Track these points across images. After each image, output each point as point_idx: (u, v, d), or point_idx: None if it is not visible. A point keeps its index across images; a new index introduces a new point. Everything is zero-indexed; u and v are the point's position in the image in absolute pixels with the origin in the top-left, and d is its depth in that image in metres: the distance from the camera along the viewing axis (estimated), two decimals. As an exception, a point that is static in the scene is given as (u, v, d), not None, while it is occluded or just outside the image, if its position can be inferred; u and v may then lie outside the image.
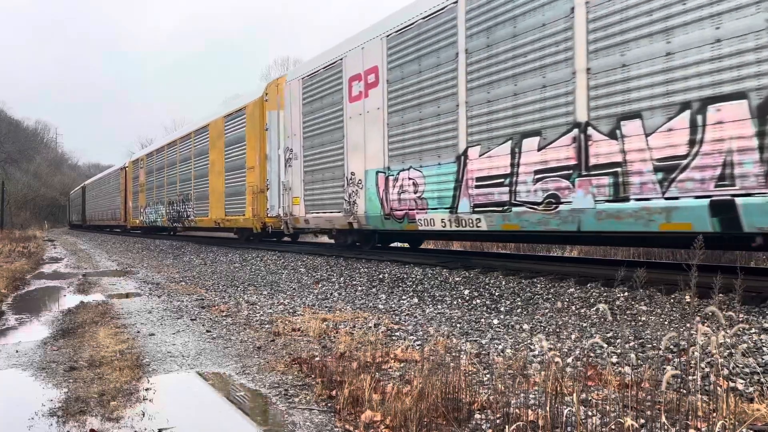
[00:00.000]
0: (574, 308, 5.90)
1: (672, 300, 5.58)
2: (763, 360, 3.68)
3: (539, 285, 6.93)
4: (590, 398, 3.13)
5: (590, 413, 2.86)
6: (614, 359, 3.93)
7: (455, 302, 6.80)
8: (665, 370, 2.58)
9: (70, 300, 7.86)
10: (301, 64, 12.45)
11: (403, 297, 7.30)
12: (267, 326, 5.60)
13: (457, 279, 7.92)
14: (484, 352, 4.30)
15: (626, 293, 5.94)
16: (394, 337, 4.94)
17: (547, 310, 5.94)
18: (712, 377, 3.32)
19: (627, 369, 3.61)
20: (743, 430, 2.55)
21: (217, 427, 3.14)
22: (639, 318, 5.25)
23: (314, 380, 3.73)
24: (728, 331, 4.11)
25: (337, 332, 5.17)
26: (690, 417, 2.68)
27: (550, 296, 6.46)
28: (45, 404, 3.45)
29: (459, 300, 6.88)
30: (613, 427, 2.55)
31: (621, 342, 4.33)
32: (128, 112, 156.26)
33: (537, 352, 4.17)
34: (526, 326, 5.19)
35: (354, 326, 5.40)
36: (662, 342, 2.89)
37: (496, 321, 5.52)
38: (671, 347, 4.04)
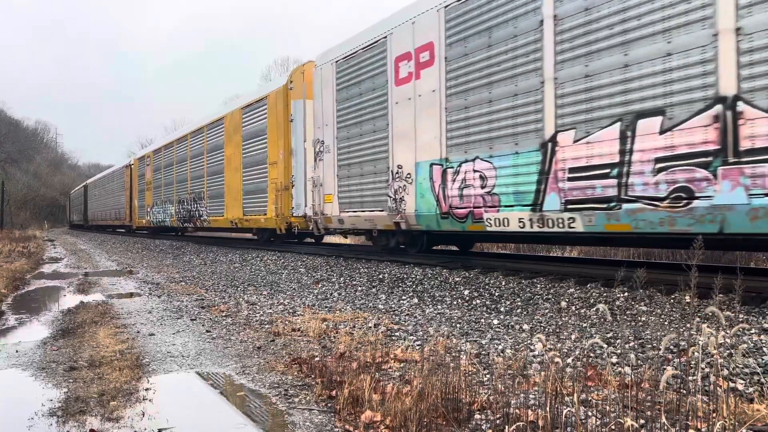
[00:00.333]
0: (574, 308, 5.90)
1: (672, 300, 5.58)
2: (763, 360, 3.69)
3: (539, 285, 6.94)
4: (590, 398, 3.13)
5: (590, 413, 2.86)
6: (614, 359, 3.93)
7: (455, 302, 6.80)
8: (665, 371, 2.58)
9: (70, 300, 7.86)
10: (334, 47, 11.34)
11: (403, 297, 7.30)
12: (267, 326, 5.61)
13: (457, 279, 7.92)
14: (484, 353, 4.30)
15: (626, 293, 5.94)
16: (394, 338, 4.94)
17: (547, 311, 5.94)
18: (712, 377, 3.32)
19: (627, 369, 3.60)
20: (743, 431, 2.55)
21: (217, 427, 3.14)
22: (639, 318, 5.25)
23: (314, 380, 3.73)
24: (728, 332, 4.12)
25: (337, 332, 5.17)
26: (690, 417, 2.68)
27: (550, 296, 6.47)
28: (45, 404, 3.45)
29: (459, 300, 6.88)
30: (613, 428, 2.55)
31: (621, 342, 4.33)
32: (128, 112, 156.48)
33: (537, 353, 4.17)
34: (526, 326, 5.19)
35: (354, 326, 5.40)
36: (662, 342, 2.89)
37: (496, 321, 5.52)
38: (671, 347, 4.04)
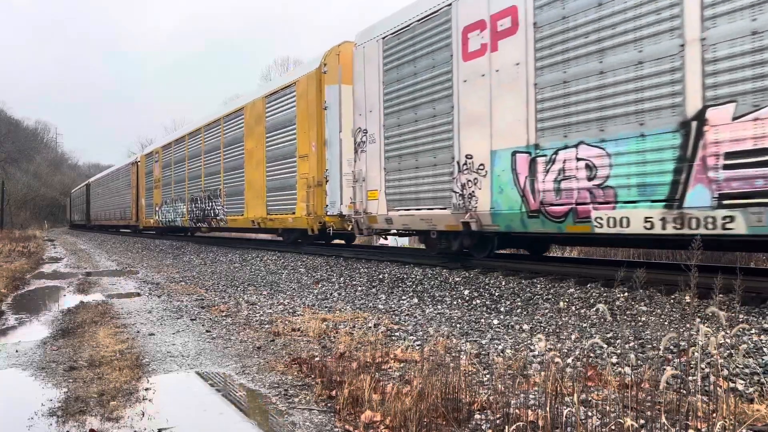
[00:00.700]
0: (574, 308, 5.90)
1: (672, 300, 5.58)
2: (763, 360, 3.68)
3: (539, 285, 6.94)
4: (590, 398, 3.13)
5: (590, 413, 2.86)
6: (614, 359, 3.93)
7: (455, 302, 6.80)
8: (665, 371, 2.58)
9: (70, 300, 7.86)
10: (379, 22, 9.97)
11: (403, 297, 7.30)
12: (267, 326, 5.60)
13: (457, 279, 7.92)
14: (484, 353, 4.30)
15: (626, 293, 5.94)
16: (394, 338, 4.94)
17: (547, 311, 5.94)
18: (712, 377, 3.32)
19: (627, 369, 3.60)
20: (743, 431, 2.55)
21: (217, 427, 3.14)
22: (639, 318, 5.25)
23: (314, 380, 3.73)
24: (728, 332, 4.12)
25: (337, 332, 5.16)
26: (690, 417, 2.68)
27: (550, 296, 6.47)
28: (45, 404, 3.45)
29: (459, 300, 6.88)
30: (613, 428, 2.55)
31: (621, 342, 4.33)
32: (128, 112, 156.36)
33: (537, 353, 4.17)
34: (526, 326, 5.19)
35: (354, 326, 5.40)
36: (662, 342, 2.89)
37: (496, 321, 5.52)
38: (671, 348, 4.04)
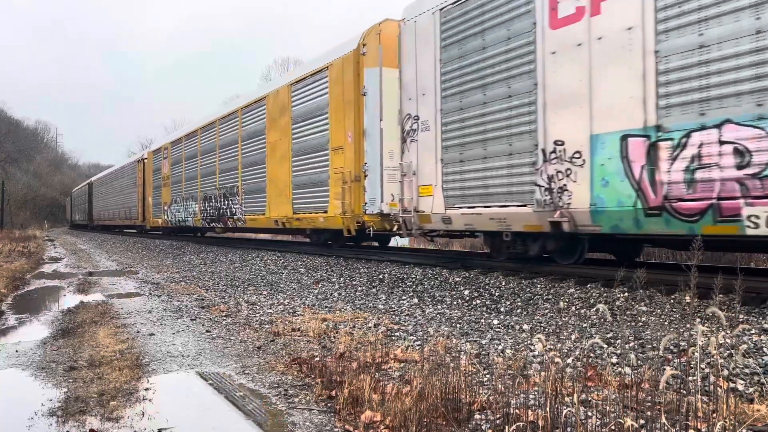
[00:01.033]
0: (574, 308, 5.90)
1: (672, 300, 5.58)
2: (763, 360, 3.68)
3: (539, 285, 6.94)
4: (590, 398, 3.13)
5: (590, 414, 2.86)
6: (614, 360, 3.93)
7: (455, 302, 6.80)
8: (665, 371, 2.58)
9: (70, 300, 7.86)
10: None
11: (403, 297, 7.30)
12: (267, 326, 5.60)
13: (457, 279, 7.92)
14: (484, 353, 4.30)
15: (626, 294, 5.94)
16: (394, 338, 4.94)
17: (547, 311, 5.94)
18: (712, 378, 3.32)
19: (627, 369, 3.60)
20: (743, 431, 2.55)
21: (217, 427, 3.14)
22: (639, 318, 5.25)
23: (314, 380, 3.73)
24: (728, 332, 4.12)
25: (337, 332, 5.16)
26: (690, 417, 2.68)
27: (550, 297, 6.47)
28: (45, 404, 3.45)
29: (459, 300, 6.88)
30: (613, 428, 2.55)
31: (621, 342, 4.33)
32: (128, 112, 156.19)
33: (537, 353, 4.17)
34: (526, 326, 5.19)
35: (354, 326, 5.40)
36: (661, 342, 2.89)
37: (496, 321, 5.52)
38: (671, 348, 4.04)
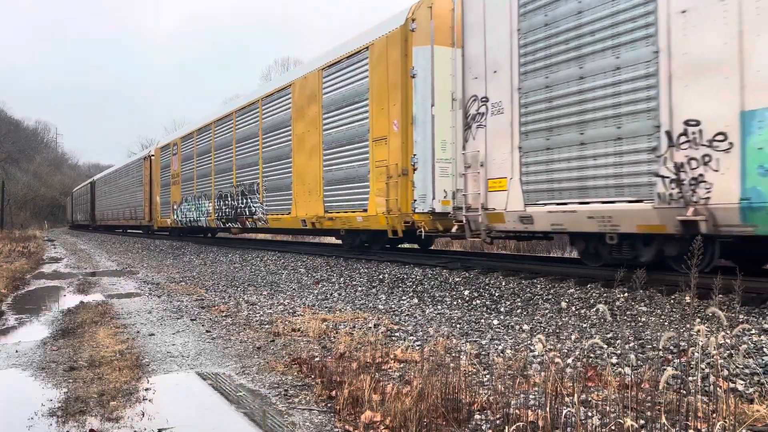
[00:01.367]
0: (574, 309, 5.90)
1: (672, 301, 5.58)
2: (763, 360, 3.68)
3: (539, 285, 6.93)
4: (590, 399, 3.13)
5: (590, 414, 2.86)
6: (614, 360, 3.93)
7: (455, 303, 6.80)
8: (665, 371, 2.58)
9: (70, 300, 7.86)
10: None
11: (403, 297, 7.30)
12: (267, 326, 5.60)
13: (457, 279, 7.92)
14: (484, 353, 4.30)
15: (626, 294, 5.94)
16: (394, 338, 4.94)
17: (547, 311, 5.94)
18: (712, 378, 3.32)
19: (627, 370, 3.60)
20: (743, 431, 2.55)
21: (217, 427, 3.14)
22: (639, 319, 5.25)
23: (314, 380, 3.73)
24: (728, 332, 4.12)
25: (337, 333, 5.16)
26: (690, 417, 2.68)
27: (550, 297, 6.46)
28: (45, 404, 3.45)
29: (459, 300, 6.88)
30: (613, 428, 2.55)
31: (621, 343, 4.33)
32: (128, 112, 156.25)
33: (537, 353, 4.17)
34: (526, 327, 5.19)
35: (354, 327, 5.40)
36: (660, 342, 2.89)
37: (496, 321, 5.52)
38: (671, 348, 4.04)
